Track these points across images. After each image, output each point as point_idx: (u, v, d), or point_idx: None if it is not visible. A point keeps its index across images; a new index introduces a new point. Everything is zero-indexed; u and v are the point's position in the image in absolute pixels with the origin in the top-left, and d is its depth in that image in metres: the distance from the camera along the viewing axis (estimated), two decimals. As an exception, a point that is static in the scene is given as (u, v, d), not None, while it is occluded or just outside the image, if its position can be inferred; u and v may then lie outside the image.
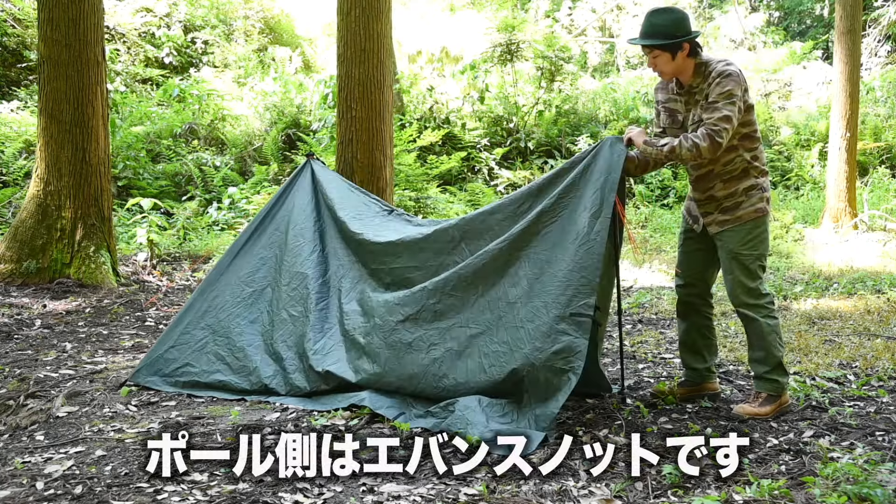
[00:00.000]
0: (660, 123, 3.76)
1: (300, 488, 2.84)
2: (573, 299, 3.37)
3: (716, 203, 3.60)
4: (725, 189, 3.57)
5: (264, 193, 9.90)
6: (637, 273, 7.63)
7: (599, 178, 3.48)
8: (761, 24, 17.13)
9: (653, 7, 3.57)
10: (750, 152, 3.56)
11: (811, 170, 11.97)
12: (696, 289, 3.82)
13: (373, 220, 4.31)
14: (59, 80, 6.58)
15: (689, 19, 3.54)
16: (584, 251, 3.40)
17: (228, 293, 4.32)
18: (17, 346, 5.11)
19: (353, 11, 6.15)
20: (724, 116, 3.36)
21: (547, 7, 18.01)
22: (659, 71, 3.56)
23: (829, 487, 2.76)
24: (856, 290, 6.73)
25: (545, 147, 12.58)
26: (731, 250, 3.57)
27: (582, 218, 3.44)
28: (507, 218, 3.73)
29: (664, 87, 3.72)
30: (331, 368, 3.89)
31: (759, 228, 3.57)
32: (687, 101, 3.60)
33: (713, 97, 3.41)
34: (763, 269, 3.61)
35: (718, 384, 3.97)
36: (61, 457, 3.20)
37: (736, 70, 3.45)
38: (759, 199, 3.56)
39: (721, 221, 3.59)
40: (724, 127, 3.36)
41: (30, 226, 6.66)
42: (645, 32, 3.50)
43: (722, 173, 3.57)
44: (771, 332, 3.57)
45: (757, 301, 3.57)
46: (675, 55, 3.47)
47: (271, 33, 15.53)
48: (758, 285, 3.57)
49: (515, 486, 2.88)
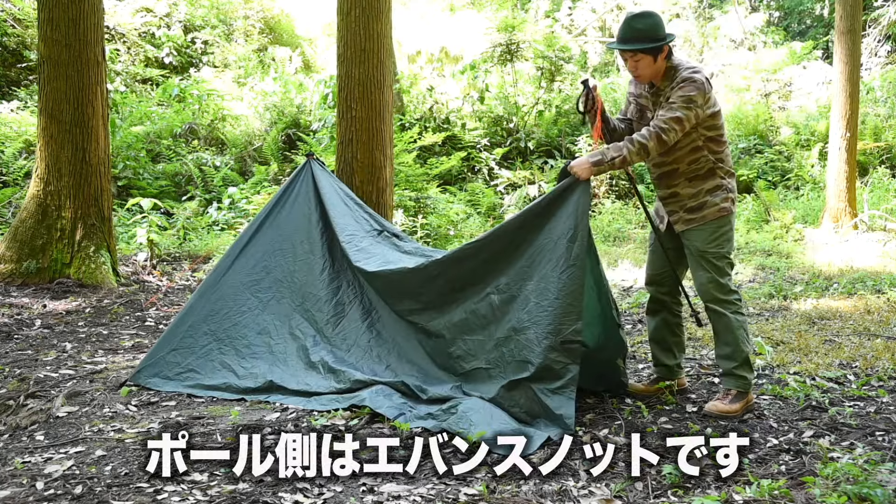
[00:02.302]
0: (627, 114, 3.85)
1: (300, 488, 2.84)
2: (561, 327, 3.40)
3: (680, 202, 3.68)
4: (690, 188, 3.65)
5: (264, 193, 9.90)
6: (637, 273, 7.63)
7: (570, 200, 3.47)
8: (761, 24, 17.12)
9: (630, 12, 3.63)
10: (715, 154, 3.65)
11: (811, 170, 11.96)
12: (666, 287, 3.91)
13: (361, 241, 4.29)
14: (59, 80, 6.58)
15: (664, 22, 3.63)
16: (567, 277, 3.42)
17: (232, 300, 4.31)
18: (17, 346, 5.11)
19: (353, 11, 6.15)
20: (676, 118, 3.45)
21: (547, 7, 18.00)
22: (639, 74, 3.63)
23: (829, 487, 2.76)
24: (856, 290, 6.73)
25: (545, 147, 12.58)
26: (698, 248, 3.66)
27: (560, 245, 3.46)
28: (492, 255, 3.70)
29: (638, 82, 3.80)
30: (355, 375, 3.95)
31: (723, 227, 3.66)
32: (654, 102, 3.68)
33: (672, 98, 3.50)
34: (731, 266, 3.70)
35: (686, 380, 4.11)
36: (61, 457, 3.21)
37: (701, 78, 3.53)
38: (724, 199, 3.65)
39: (687, 220, 3.68)
40: (673, 127, 3.45)
41: (30, 226, 6.66)
42: (628, 37, 3.55)
43: (687, 172, 3.65)
44: (739, 328, 3.64)
45: (726, 297, 3.64)
46: (657, 58, 3.56)
47: (271, 33, 15.53)
48: (726, 282, 3.65)
49: (515, 486, 2.88)
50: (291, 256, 4.40)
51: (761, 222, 10.33)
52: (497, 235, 3.71)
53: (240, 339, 4.19)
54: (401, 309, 4.02)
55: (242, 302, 4.30)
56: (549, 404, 3.36)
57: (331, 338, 4.16)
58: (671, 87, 3.55)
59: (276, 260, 4.39)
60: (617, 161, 3.46)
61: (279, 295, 4.32)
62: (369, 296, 4.21)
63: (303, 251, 4.40)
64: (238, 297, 4.31)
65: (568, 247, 3.43)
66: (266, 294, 4.31)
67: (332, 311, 4.23)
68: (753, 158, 12.30)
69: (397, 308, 4.04)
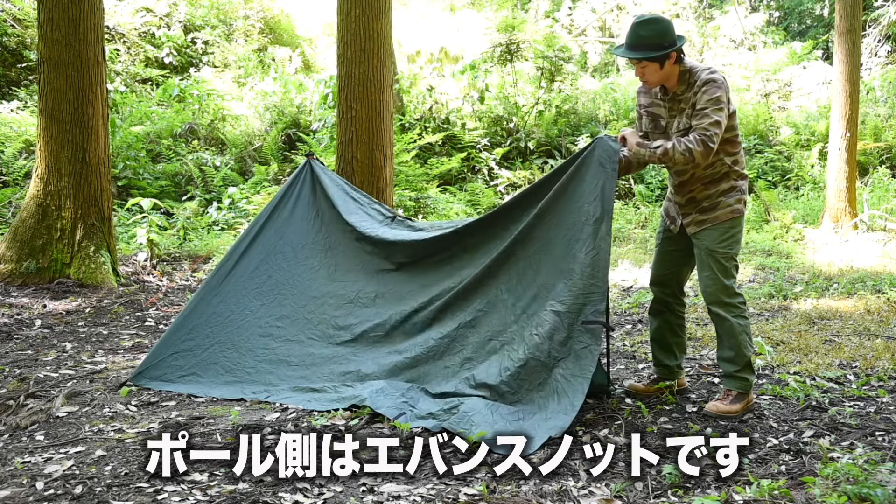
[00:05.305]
0: (641, 127, 3.83)
1: (300, 488, 2.84)
2: (585, 307, 3.46)
3: (696, 205, 3.69)
4: (705, 191, 3.66)
5: (264, 193, 9.90)
6: (637, 273, 7.63)
7: (598, 184, 3.53)
8: (761, 24, 17.12)
9: (638, 17, 3.62)
10: (731, 157, 3.65)
11: (811, 170, 11.97)
12: (671, 288, 3.91)
13: (378, 230, 4.35)
14: (59, 80, 6.58)
15: (673, 27, 3.60)
16: (592, 258, 3.48)
17: (234, 303, 4.31)
18: (17, 346, 5.11)
19: (353, 11, 6.15)
20: (715, 122, 3.45)
21: (547, 7, 18.00)
22: (646, 80, 3.63)
23: (829, 487, 2.76)
24: (856, 290, 6.73)
25: (545, 147, 12.58)
26: (707, 248, 3.65)
27: (587, 226, 3.52)
28: (511, 222, 3.81)
29: (647, 92, 3.78)
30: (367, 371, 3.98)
31: (734, 228, 3.67)
32: (671, 108, 3.66)
33: (701, 104, 3.48)
34: (736, 270, 3.71)
35: (686, 380, 4.11)
36: (61, 457, 3.20)
37: (720, 77, 3.53)
38: (737, 201, 3.66)
39: (699, 221, 3.68)
40: (715, 132, 3.45)
41: (30, 226, 6.66)
42: (633, 44, 3.55)
43: (703, 177, 3.65)
44: (742, 332, 3.64)
45: (731, 300, 3.65)
46: (664, 64, 3.55)
47: (271, 33, 15.52)
48: (731, 284, 3.65)
49: (515, 486, 2.88)
50: (293, 259, 4.40)
51: (761, 222, 10.33)
52: (524, 210, 3.77)
53: (242, 342, 4.19)
54: (417, 281, 4.10)
55: (245, 305, 4.30)
56: (563, 387, 3.39)
57: (333, 337, 4.16)
58: (693, 92, 3.53)
59: (278, 262, 4.39)
60: (658, 151, 3.48)
61: (281, 297, 4.32)
62: (375, 291, 4.22)
63: (304, 254, 4.41)
64: (240, 300, 4.31)
65: (595, 228, 3.49)
66: (268, 297, 4.32)
67: (334, 311, 4.24)
68: (753, 158, 12.30)
69: (416, 280, 4.11)
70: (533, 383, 3.49)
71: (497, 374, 3.60)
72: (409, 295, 4.12)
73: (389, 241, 4.22)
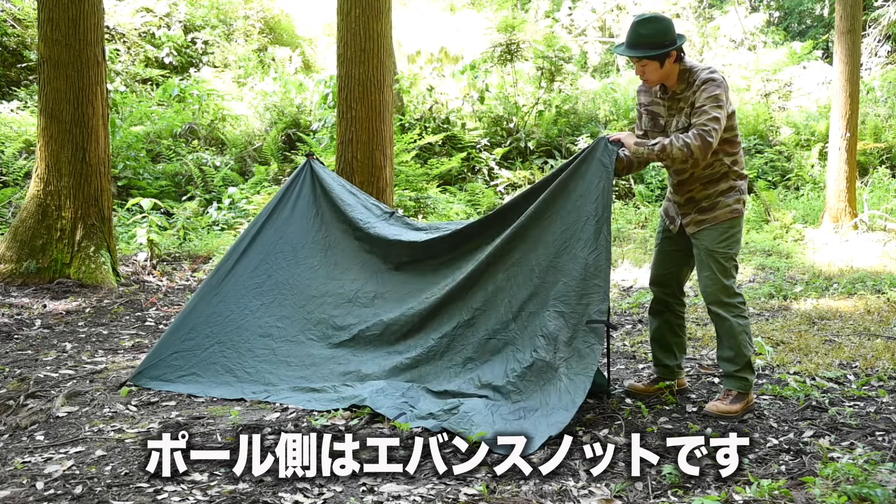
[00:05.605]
0: (641, 126, 3.85)
1: (300, 488, 2.84)
2: (588, 307, 3.47)
3: (695, 205, 3.69)
4: (704, 191, 3.66)
5: (264, 193, 9.90)
6: (637, 273, 7.63)
7: (598, 183, 3.56)
8: (761, 24, 17.12)
9: (638, 16, 3.63)
10: (730, 157, 3.65)
11: (811, 170, 11.97)
12: (670, 287, 3.92)
13: (375, 226, 4.36)
14: (59, 80, 6.58)
15: (673, 26, 3.61)
16: (594, 258, 3.51)
17: (234, 303, 4.31)
18: (17, 346, 5.11)
19: (353, 11, 6.15)
20: (713, 118, 3.45)
21: (547, 7, 18.00)
22: (646, 78, 3.63)
23: (829, 487, 2.76)
24: (856, 290, 6.73)
25: (545, 147, 12.58)
26: (707, 248, 3.65)
27: (588, 226, 3.54)
28: (510, 222, 3.83)
29: (647, 90, 3.79)
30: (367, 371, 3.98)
31: (734, 228, 3.67)
32: (670, 107, 3.67)
33: (700, 102, 3.49)
34: (736, 269, 3.71)
35: (686, 380, 4.11)
36: (61, 457, 3.20)
37: (720, 77, 3.53)
38: (736, 201, 3.66)
39: (699, 221, 3.68)
40: (714, 127, 3.44)
41: (30, 226, 6.66)
42: (634, 42, 3.56)
43: (702, 177, 3.66)
44: (741, 333, 3.64)
45: (730, 300, 3.65)
46: (664, 63, 3.56)
47: (271, 33, 15.52)
48: (731, 284, 3.65)
49: (515, 486, 2.88)
50: (293, 259, 4.40)
51: (761, 222, 10.33)
52: (522, 210, 3.78)
53: (242, 342, 4.19)
54: (419, 280, 4.11)
55: (244, 305, 4.30)
56: (566, 385, 3.39)
57: (331, 337, 4.16)
58: (692, 91, 3.54)
59: (278, 262, 4.40)
60: (656, 148, 3.48)
61: (281, 297, 4.32)
62: (374, 291, 4.23)
63: (304, 253, 4.41)
64: (240, 299, 4.31)
65: (597, 228, 3.51)
66: (268, 297, 4.32)
67: (332, 310, 4.24)
68: (753, 158, 12.30)
69: (415, 281, 4.13)
70: (538, 383, 3.50)
71: (503, 374, 3.61)
72: (408, 296, 4.13)
73: (389, 240, 4.23)
